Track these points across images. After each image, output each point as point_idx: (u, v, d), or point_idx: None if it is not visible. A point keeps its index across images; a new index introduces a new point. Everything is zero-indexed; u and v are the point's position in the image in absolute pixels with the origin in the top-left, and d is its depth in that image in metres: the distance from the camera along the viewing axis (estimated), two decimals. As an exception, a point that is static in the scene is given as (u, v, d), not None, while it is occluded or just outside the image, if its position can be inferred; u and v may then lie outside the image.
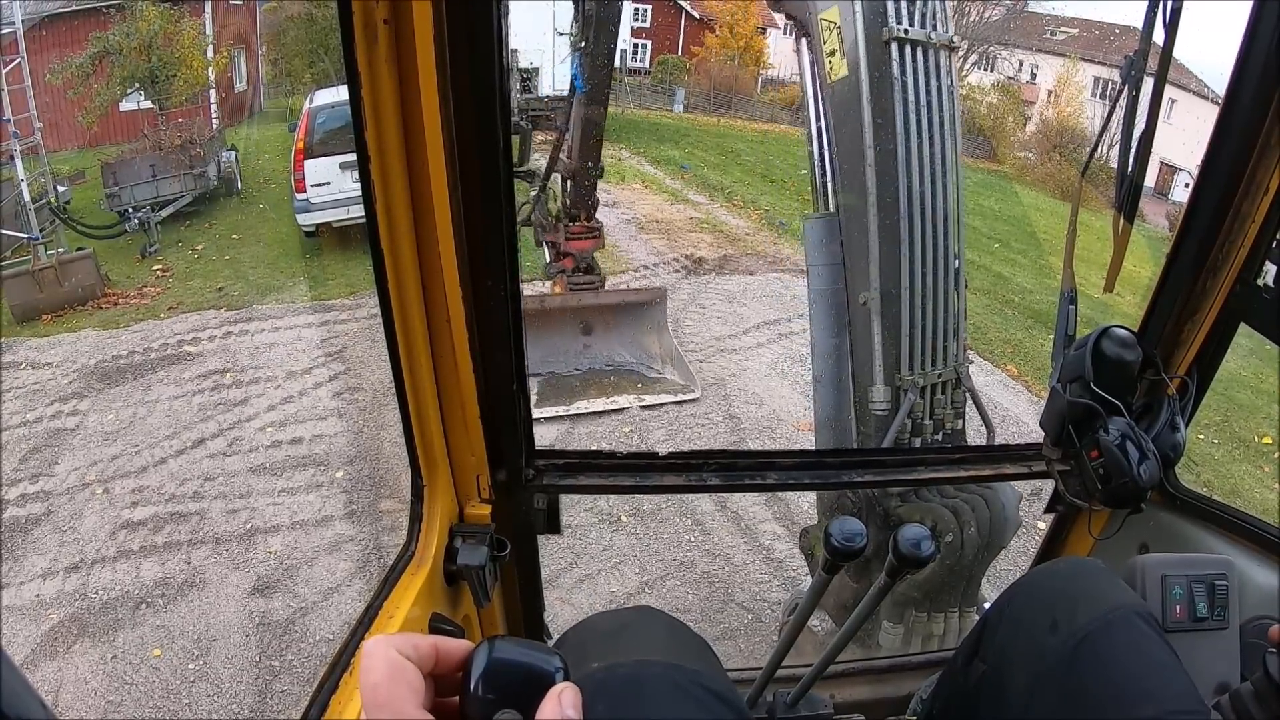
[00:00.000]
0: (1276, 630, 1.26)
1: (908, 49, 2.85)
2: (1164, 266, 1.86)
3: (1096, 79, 26.42)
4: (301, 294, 10.44)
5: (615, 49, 6.74)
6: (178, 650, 4.64)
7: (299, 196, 11.44)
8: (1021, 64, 27.82)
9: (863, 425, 3.10)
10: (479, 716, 0.69)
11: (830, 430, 3.27)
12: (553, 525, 1.72)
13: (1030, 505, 4.55)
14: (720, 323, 9.62)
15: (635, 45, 30.43)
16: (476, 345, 1.39)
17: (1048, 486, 2.02)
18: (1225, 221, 1.74)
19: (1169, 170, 25.09)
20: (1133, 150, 1.89)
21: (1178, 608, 1.64)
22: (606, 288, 8.21)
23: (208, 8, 18.00)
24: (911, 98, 2.86)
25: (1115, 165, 1.89)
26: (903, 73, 2.84)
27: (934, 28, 2.91)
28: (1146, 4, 1.72)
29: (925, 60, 2.90)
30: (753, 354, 8.89)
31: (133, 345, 9.08)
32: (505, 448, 1.55)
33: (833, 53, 2.97)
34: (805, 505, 5.92)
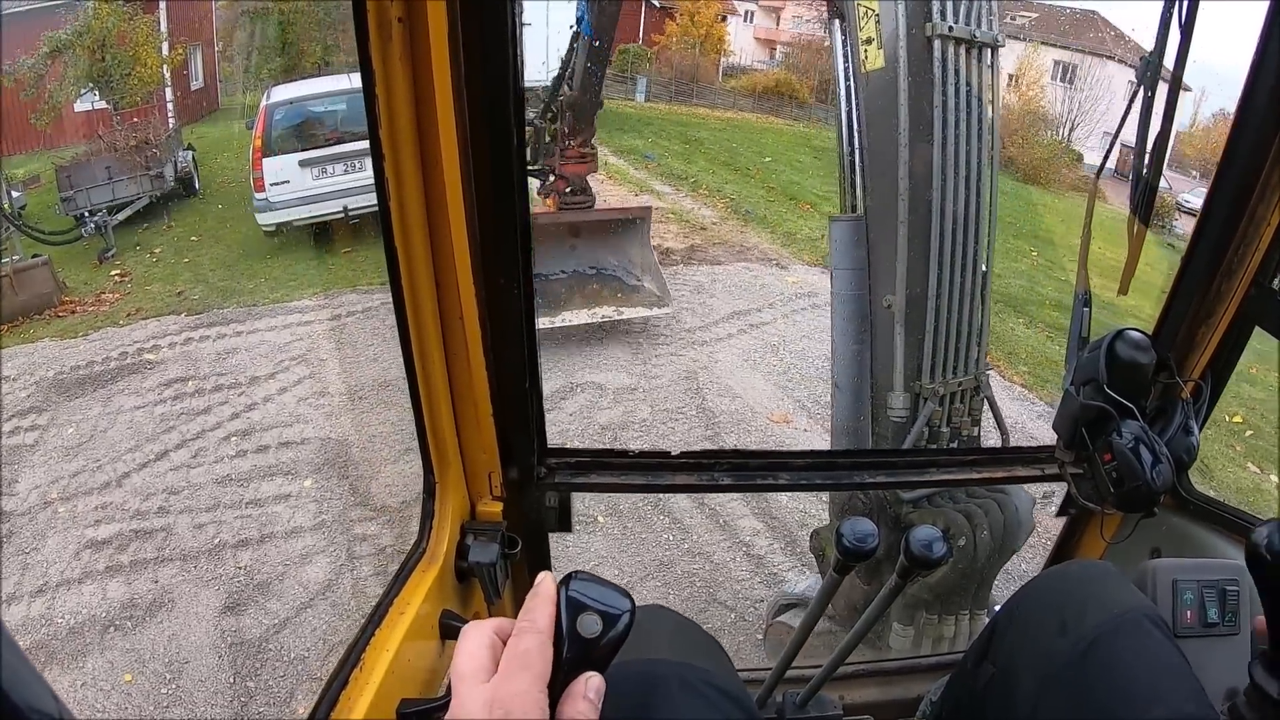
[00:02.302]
0: (1261, 621, 1.26)
1: (950, 46, 2.81)
2: (1179, 269, 1.93)
3: (1056, 63, 27.62)
4: (263, 296, 10.42)
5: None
6: (149, 674, 4.64)
7: (258, 196, 11.47)
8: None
9: (879, 429, 3.12)
10: (565, 625, 0.86)
11: (848, 435, 3.32)
12: (564, 523, 1.78)
13: (1042, 508, 4.63)
14: (689, 314, 9.76)
15: (598, 35, 30.71)
16: (489, 342, 1.44)
17: (1060, 489, 2.09)
18: (1240, 225, 1.80)
19: (1128, 151, 25.83)
20: (1148, 152, 1.97)
21: (1188, 613, 1.69)
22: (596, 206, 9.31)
23: (162, 3, 18.00)
24: (951, 99, 2.83)
25: (1075, 148, 1.95)
26: (944, 72, 2.80)
27: (979, 25, 2.88)
28: (1163, 4, 1.80)
29: (968, 59, 2.87)
30: (723, 346, 9.05)
31: (92, 355, 9.05)
32: (517, 445, 1.61)
33: (869, 41, 2.91)
34: (784, 500, 6.04)
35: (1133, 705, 1.29)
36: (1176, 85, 1.90)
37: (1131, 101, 1.97)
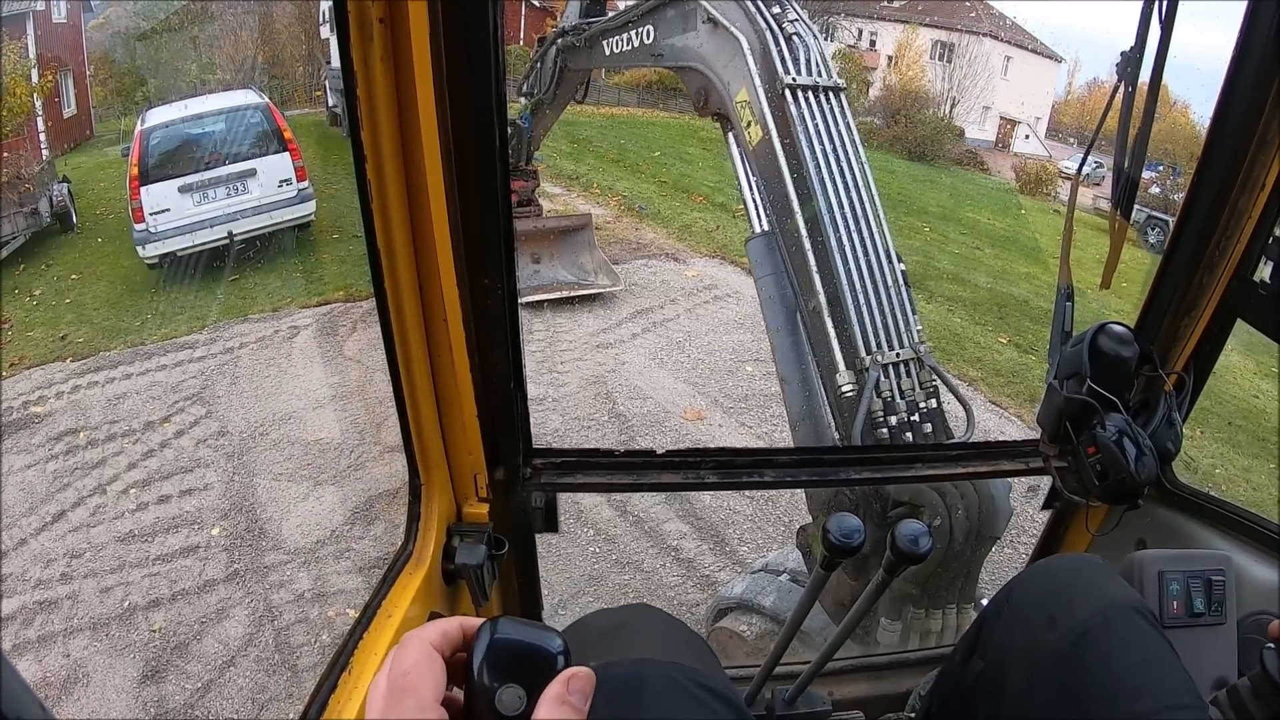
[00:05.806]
0: (1276, 626, 1.28)
1: (800, 93, 3.51)
2: (1161, 262, 1.93)
3: (934, 42, 28.55)
4: (150, 334, 9.81)
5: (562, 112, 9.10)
6: (73, 760, 4.39)
7: (138, 227, 10.82)
8: (861, 32, 29.44)
9: (833, 405, 3.39)
10: (483, 697, 0.76)
11: (805, 422, 3.52)
12: (550, 524, 1.77)
13: (1028, 501, 4.60)
14: (591, 317, 9.72)
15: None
16: (474, 344, 1.44)
17: (1045, 483, 2.09)
18: (1222, 217, 1.80)
19: (1009, 124, 27.79)
20: (1129, 146, 1.95)
21: (1175, 603, 1.69)
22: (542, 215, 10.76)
23: (29, 28, 16.86)
24: (813, 132, 3.46)
25: (957, 123, 1.95)
26: (800, 114, 3.47)
27: (819, 74, 3.59)
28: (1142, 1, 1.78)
29: (817, 100, 3.53)
30: (629, 346, 9.04)
31: (-25, 414, 8.46)
32: (503, 446, 1.61)
33: (748, 124, 3.60)
34: (706, 499, 6.02)
35: (1122, 697, 1.29)
36: (1157, 81, 1.88)
37: (1112, 98, 1.95)
